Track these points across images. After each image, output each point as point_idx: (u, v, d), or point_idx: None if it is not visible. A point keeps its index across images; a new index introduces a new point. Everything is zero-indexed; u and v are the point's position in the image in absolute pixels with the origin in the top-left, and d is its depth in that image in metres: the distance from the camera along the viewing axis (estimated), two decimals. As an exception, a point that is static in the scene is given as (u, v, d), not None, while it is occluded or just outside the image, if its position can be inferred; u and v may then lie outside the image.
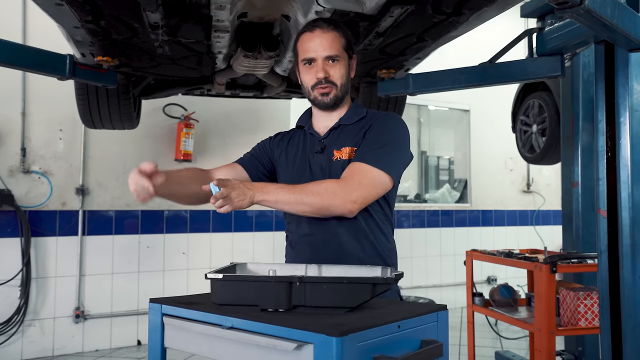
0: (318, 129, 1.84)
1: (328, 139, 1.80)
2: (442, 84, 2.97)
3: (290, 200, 1.56)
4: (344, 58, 1.75)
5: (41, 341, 4.40)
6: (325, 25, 1.74)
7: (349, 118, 1.81)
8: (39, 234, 4.42)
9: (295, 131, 1.93)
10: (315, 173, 1.75)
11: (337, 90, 1.75)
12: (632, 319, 2.12)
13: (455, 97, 6.13)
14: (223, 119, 5.21)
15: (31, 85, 4.42)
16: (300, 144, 1.86)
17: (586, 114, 3.33)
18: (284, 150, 1.89)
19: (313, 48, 1.72)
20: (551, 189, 7.12)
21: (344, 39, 1.75)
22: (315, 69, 1.73)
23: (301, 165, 1.80)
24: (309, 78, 1.76)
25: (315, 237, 1.71)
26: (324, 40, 1.71)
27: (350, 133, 1.77)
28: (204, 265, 5.02)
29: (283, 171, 1.87)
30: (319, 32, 1.72)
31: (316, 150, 1.79)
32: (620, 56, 2.14)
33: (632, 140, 2.12)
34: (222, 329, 1.22)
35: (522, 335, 4.71)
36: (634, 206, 2.12)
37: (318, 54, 1.72)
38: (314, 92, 1.76)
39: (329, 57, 1.72)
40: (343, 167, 1.67)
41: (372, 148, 1.67)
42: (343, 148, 1.73)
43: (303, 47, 1.76)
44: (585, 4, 1.44)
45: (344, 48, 1.75)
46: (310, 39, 1.73)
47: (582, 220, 3.34)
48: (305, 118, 1.91)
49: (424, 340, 1.23)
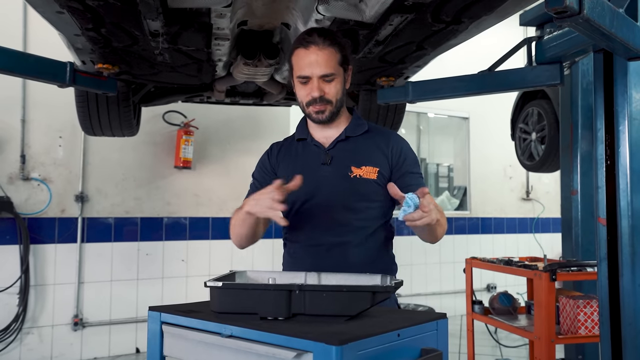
0: (319, 139, 1.83)
1: (335, 150, 1.79)
2: (442, 92, 2.97)
3: (443, 224, 1.63)
4: (340, 74, 1.73)
5: (39, 349, 4.39)
6: (320, 41, 1.68)
7: (354, 130, 1.82)
8: (38, 241, 4.42)
9: (291, 142, 1.90)
10: (326, 185, 1.74)
11: (332, 106, 1.74)
12: (633, 327, 2.12)
13: (454, 105, 6.14)
14: (223, 126, 5.22)
15: (31, 92, 4.43)
16: (302, 155, 1.83)
17: (585, 122, 3.34)
18: (282, 162, 1.86)
19: (308, 66, 1.68)
20: (550, 196, 7.12)
21: (339, 54, 1.71)
22: (310, 87, 1.70)
23: (310, 178, 1.73)
24: (303, 94, 1.74)
25: (322, 247, 1.72)
26: (319, 59, 1.67)
27: (363, 150, 1.79)
28: (203, 272, 5.01)
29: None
30: (314, 49, 1.67)
31: (323, 162, 1.78)
32: (619, 65, 2.15)
33: (631, 148, 2.12)
34: (221, 337, 1.22)
35: (521, 343, 4.70)
36: (634, 214, 2.12)
37: (313, 73, 1.68)
38: (309, 109, 1.75)
39: (324, 75, 1.69)
40: (364, 185, 1.73)
41: (419, 177, 1.79)
42: (363, 167, 1.75)
43: (298, 64, 1.71)
44: (584, 13, 1.44)
45: (339, 63, 1.72)
46: (306, 55, 1.68)
47: (581, 228, 3.34)
48: (303, 129, 1.87)
49: (423, 348, 1.23)
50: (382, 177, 1.75)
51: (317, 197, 1.75)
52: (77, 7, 1.97)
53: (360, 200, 1.74)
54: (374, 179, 1.74)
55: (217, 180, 5.18)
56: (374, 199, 1.75)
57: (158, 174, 4.94)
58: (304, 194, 1.76)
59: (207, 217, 5.09)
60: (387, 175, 1.76)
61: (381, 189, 1.75)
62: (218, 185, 5.17)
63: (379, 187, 1.75)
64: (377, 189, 1.75)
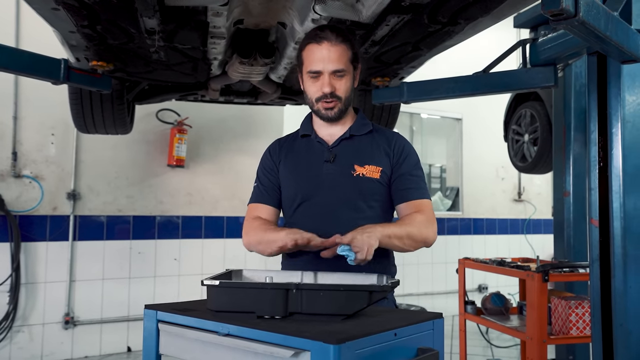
0: (323, 136, 1.83)
1: (338, 148, 1.80)
2: (436, 93, 2.99)
3: (401, 234, 1.65)
4: (350, 71, 1.75)
5: (30, 347, 4.36)
6: (333, 38, 1.69)
7: (359, 129, 1.83)
8: (29, 239, 4.38)
9: (295, 138, 1.91)
10: (328, 183, 1.75)
11: (341, 104, 1.75)
12: (624, 327, 2.14)
13: (447, 106, 6.16)
14: (216, 124, 5.21)
15: (23, 89, 4.40)
16: (306, 152, 1.84)
17: (578, 124, 3.36)
18: (285, 159, 1.86)
19: (320, 61, 1.69)
20: (542, 198, 7.17)
21: (350, 52, 1.73)
22: (321, 83, 1.71)
23: (312, 174, 1.78)
24: (314, 90, 1.74)
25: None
26: (331, 54, 1.68)
27: (367, 149, 1.80)
28: (196, 271, 5.00)
29: (291, 181, 1.83)
30: (327, 45, 1.69)
31: (326, 159, 1.79)
32: (612, 68, 2.17)
33: (624, 151, 2.14)
34: (218, 336, 1.22)
35: (512, 343, 4.73)
36: (626, 216, 2.14)
37: (325, 68, 1.69)
38: (318, 105, 1.75)
39: (335, 71, 1.70)
40: (367, 184, 1.75)
41: (418, 180, 1.80)
42: (366, 166, 1.76)
43: (309, 58, 1.72)
44: (580, 16, 1.45)
45: (350, 61, 1.73)
46: (318, 50, 1.69)
47: (573, 230, 3.37)
48: (308, 126, 1.88)
49: (420, 348, 1.23)
50: (384, 176, 1.76)
51: (319, 195, 1.76)
52: (72, 4, 1.97)
53: (362, 199, 1.74)
54: (376, 178, 1.75)
55: (210, 179, 5.16)
56: (376, 199, 1.76)
57: (151, 172, 4.92)
58: (305, 191, 1.77)
59: (200, 216, 5.08)
60: (389, 175, 1.78)
61: (383, 188, 1.77)
62: (211, 184, 5.16)
63: (381, 187, 1.76)
64: (380, 188, 1.76)
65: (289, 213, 1.84)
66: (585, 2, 1.47)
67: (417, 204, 1.75)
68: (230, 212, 5.16)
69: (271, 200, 1.86)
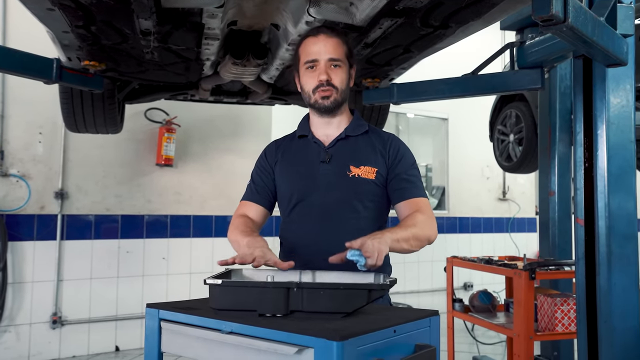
0: (319, 136, 1.86)
1: (334, 148, 1.83)
2: (426, 94, 3.04)
3: (408, 237, 1.66)
4: (346, 65, 1.79)
5: (17, 347, 4.33)
6: (329, 32, 1.78)
7: (354, 129, 1.86)
8: (16, 238, 4.35)
9: (292, 139, 1.94)
10: (324, 183, 1.78)
11: (337, 94, 1.78)
12: (608, 324, 2.20)
13: (434, 106, 6.21)
14: (205, 124, 5.21)
15: (10, 87, 4.37)
16: (302, 152, 1.87)
17: (563, 125, 3.42)
18: (281, 159, 1.89)
19: (317, 50, 1.75)
20: (526, 197, 7.27)
21: (346, 47, 1.79)
22: (317, 72, 1.76)
23: (308, 175, 1.81)
24: (310, 81, 1.78)
25: (318, 245, 1.73)
26: (327, 44, 1.75)
27: (362, 150, 1.83)
28: (184, 270, 5.01)
29: (287, 181, 1.86)
30: (323, 37, 1.76)
31: (322, 160, 1.81)
32: (598, 71, 2.23)
33: (609, 151, 2.21)
34: (221, 334, 1.25)
35: (498, 340, 4.80)
36: (610, 215, 2.20)
37: (321, 56, 1.75)
38: (315, 95, 1.78)
39: (332, 59, 1.75)
40: (362, 185, 1.77)
41: (414, 179, 1.82)
42: (362, 166, 1.79)
43: (306, 50, 1.78)
44: (569, 22, 1.50)
45: (345, 55, 1.79)
46: (315, 42, 1.76)
47: (558, 228, 3.43)
48: (305, 126, 1.91)
49: (417, 344, 1.27)
50: (380, 177, 1.79)
51: (315, 195, 1.78)
52: (68, 5, 1.96)
53: (358, 200, 1.77)
54: (372, 179, 1.78)
55: (198, 178, 5.17)
56: (371, 199, 1.79)
57: (139, 171, 4.91)
58: (301, 191, 1.80)
59: (189, 215, 5.08)
60: (385, 176, 1.81)
61: (379, 189, 1.79)
62: (199, 183, 5.16)
63: (376, 188, 1.79)
64: (375, 189, 1.79)
65: (285, 213, 1.86)
66: (574, 7, 1.52)
67: (416, 202, 1.78)
68: (219, 211, 5.17)
69: (261, 199, 1.89)
